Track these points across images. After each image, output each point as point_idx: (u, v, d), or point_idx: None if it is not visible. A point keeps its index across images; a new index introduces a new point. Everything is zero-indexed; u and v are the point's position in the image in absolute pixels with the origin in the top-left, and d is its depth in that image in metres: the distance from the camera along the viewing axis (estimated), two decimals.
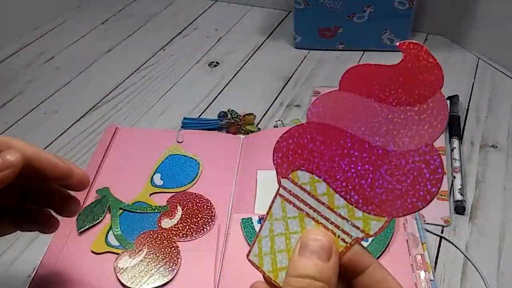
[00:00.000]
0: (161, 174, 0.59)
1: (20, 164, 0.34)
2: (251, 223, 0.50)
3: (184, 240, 0.50)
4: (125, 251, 0.49)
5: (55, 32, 0.95)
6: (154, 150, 0.61)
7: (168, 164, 0.60)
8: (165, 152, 0.61)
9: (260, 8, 0.99)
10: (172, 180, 0.58)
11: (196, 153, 0.61)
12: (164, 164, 0.60)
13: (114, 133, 0.65)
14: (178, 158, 0.60)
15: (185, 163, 0.60)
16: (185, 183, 0.57)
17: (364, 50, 0.84)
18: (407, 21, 0.80)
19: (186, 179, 0.58)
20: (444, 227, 0.54)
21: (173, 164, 0.60)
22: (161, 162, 0.60)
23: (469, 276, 0.49)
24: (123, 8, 1.03)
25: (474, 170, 0.60)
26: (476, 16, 0.79)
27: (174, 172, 0.59)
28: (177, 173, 0.58)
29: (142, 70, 0.83)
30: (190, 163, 0.60)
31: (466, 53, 0.81)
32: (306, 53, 0.85)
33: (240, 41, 0.89)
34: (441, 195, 0.56)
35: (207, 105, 0.74)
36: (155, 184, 0.57)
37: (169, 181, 0.58)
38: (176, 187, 0.57)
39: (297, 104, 0.73)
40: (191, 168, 0.59)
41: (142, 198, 0.55)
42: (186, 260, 0.49)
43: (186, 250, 0.50)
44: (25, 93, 0.79)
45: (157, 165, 0.60)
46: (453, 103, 0.68)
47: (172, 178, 0.58)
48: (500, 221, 0.54)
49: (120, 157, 0.61)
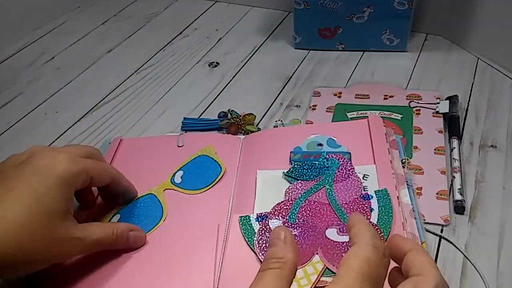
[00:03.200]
0: (183, 172, 0.58)
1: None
2: (249, 221, 0.50)
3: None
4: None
5: (55, 32, 0.96)
6: (159, 157, 0.61)
7: (195, 164, 0.59)
8: (197, 152, 0.60)
9: (260, 8, 1.00)
10: (190, 182, 0.57)
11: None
12: (192, 163, 0.59)
13: (118, 145, 0.64)
14: (206, 160, 0.59)
15: (209, 167, 0.58)
16: (200, 187, 0.56)
17: (364, 50, 0.84)
18: (407, 22, 0.80)
19: (203, 183, 0.57)
20: (444, 227, 0.54)
21: (199, 165, 0.59)
22: (189, 161, 0.59)
23: (469, 276, 0.49)
24: (123, 8, 1.03)
25: (474, 170, 0.61)
26: (475, 16, 0.79)
27: (197, 174, 0.58)
28: (198, 175, 0.57)
29: (143, 70, 0.84)
30: (213, 168, 0.58)
31: (465, 54, 0.82)
32: (306, 53, 0.85)
33: (240, 42, 0.90)
34: (440, 195, 0.57)
35: (207, 105, 0.74)
36: (174, 181, 0.57)
37: (188, 181, 0.57)
38: (191, 189, 0.56)
39: (297, 104, 0.73)
40: (212, 173, 0.57)
41: (154, 191, 0.56)
42: (186, 260, 0.49)
43: (186, 250, 0.50)
44: (26, 93, 0.79)
45: (184, 163, 0.59)
46: (452, 103, 0.68)
47: (191, 180, 0.57)
48: (500, 220, 0.54)
49: (125, 169, 0.57)
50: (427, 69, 0.78)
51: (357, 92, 0.74)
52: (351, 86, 0.76)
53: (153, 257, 0.49)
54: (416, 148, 0.63)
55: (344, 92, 0.74)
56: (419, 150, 0.63)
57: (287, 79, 0.79)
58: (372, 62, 0.82)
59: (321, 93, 0.74)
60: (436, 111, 0.68)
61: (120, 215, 0.54)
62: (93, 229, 0.45)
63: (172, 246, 0.50)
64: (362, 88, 0.75)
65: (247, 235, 0.49)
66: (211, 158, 0.60)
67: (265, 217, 0.51)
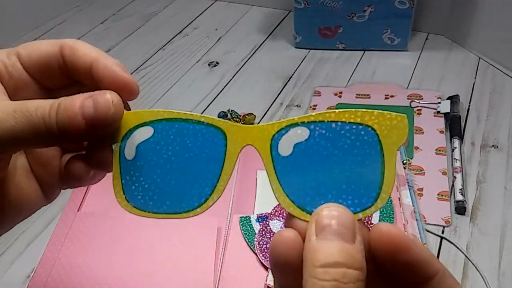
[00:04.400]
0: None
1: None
2: (249, 221, 0.50)
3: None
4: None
5: (54, 31, 0.95)
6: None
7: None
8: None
9: (260, 7, 0.99)
10: None
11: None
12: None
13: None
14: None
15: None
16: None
17: (365, 49, 0.84)
18: (408, 21, 0.79)
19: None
20: (445, 228, 0.54)
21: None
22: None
23: (470, 277, 0.49)
24: (122, 7, 1.03)
25: (475, 170, 0.60)
26: (476, 15, 0.79)
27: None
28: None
29: (142, 69, 0.83)
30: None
31: (467, 53, 0.81)
32: (306, 52, 0.85)
33: (240, 41, 0.89)
34: (442, 196, 0.56)
35: (207, 105, 0.74)
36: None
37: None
38: None
39: (297, 104, 0.73)
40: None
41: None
42: (186, 260, 0.49)
43: (186, 250, 0.50)
44: None
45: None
46: (453, 103, 0.68)
47: None
48: (501, 221, 0.54)
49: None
50: (428, 69, 0.78)
51: (358, 92, 0.73)
52: (352, 86, 0.76)
53: (153, 257, 0.49)
54: (417, 148, 0.63)
55: (345, 91, 0.74)
56: (420, 151, 0.62)
57: (287, 78, 0.79)
58: (373, 62, 0.81)
59: (321, 93, 0.74)
60: (437, 111, 0.68)
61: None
62: (17, 101, 0.24)
63: (172, 246, 0.50)
64: (363, 87, 0.74)
65: (247, 235, 0.49)
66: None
67: (265, 218, 0.50)
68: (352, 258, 0.20)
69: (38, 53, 0.27)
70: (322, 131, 0.24)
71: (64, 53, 0.28)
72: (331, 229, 0.20)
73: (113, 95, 0.25)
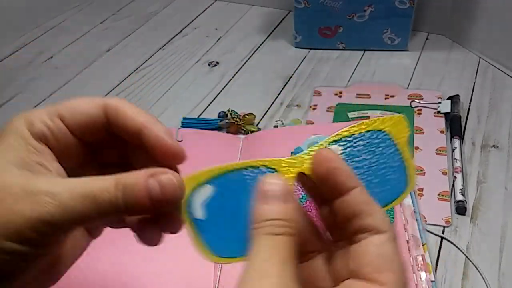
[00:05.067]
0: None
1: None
2: None
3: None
4: None
5: (54, 31, 0.95)
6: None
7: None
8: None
9: (260, 7, 0.99)
10: None
11: (196, 153, 0.60)
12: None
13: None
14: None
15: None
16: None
17: (365, 49, 0.84)
18: (408, 21, 0.79)
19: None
20: (445, 228, 0.53)
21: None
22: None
23: (470, 277, 0.49)
24: (122, 7, 1.03)
25: (475, 170, 0.60)
26: (477, 15, 0.79)
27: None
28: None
29: (142, 69, 0.83)
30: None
31: (467, 53, 0.81)
32: (306, 52, 0.84)
33: (240, 41, 0.89)
34: (442, 196, 0.56)
35: (207, 105, 0.74)
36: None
37: None
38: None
39: (297, 104, 0.73)
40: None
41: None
42: (186, 260, 0.48)
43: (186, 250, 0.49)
44: (24, 93, 0.79)
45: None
46: (454, 102, 0.67)
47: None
48: (501, 221, 0.54)
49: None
50: (428, 69, 0.78)
51: (358, 92, 0.73)
52: (352, 86, 0.75)
53: (153, 257, 0.49)
54: (417, 148, 0.62)
55: (345, 91, 0.74)
56: (421, 151, 0.62)
57: (287, 78, 0.79)
58: (373, 62, 0.81)
59: (321, 93, 0.74)
60: (437, 111, 0.68)
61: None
62: (77, 180, 0.26)
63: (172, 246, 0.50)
64: (363, 87, 0.74)
65: None
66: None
67: None
68: (281, 214, 0.25)
69: (82, 116, 0.29)
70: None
71: (109, 115, 0.29)
72: (267, 194, 0.26)
73: (175, 175, 0.27)
